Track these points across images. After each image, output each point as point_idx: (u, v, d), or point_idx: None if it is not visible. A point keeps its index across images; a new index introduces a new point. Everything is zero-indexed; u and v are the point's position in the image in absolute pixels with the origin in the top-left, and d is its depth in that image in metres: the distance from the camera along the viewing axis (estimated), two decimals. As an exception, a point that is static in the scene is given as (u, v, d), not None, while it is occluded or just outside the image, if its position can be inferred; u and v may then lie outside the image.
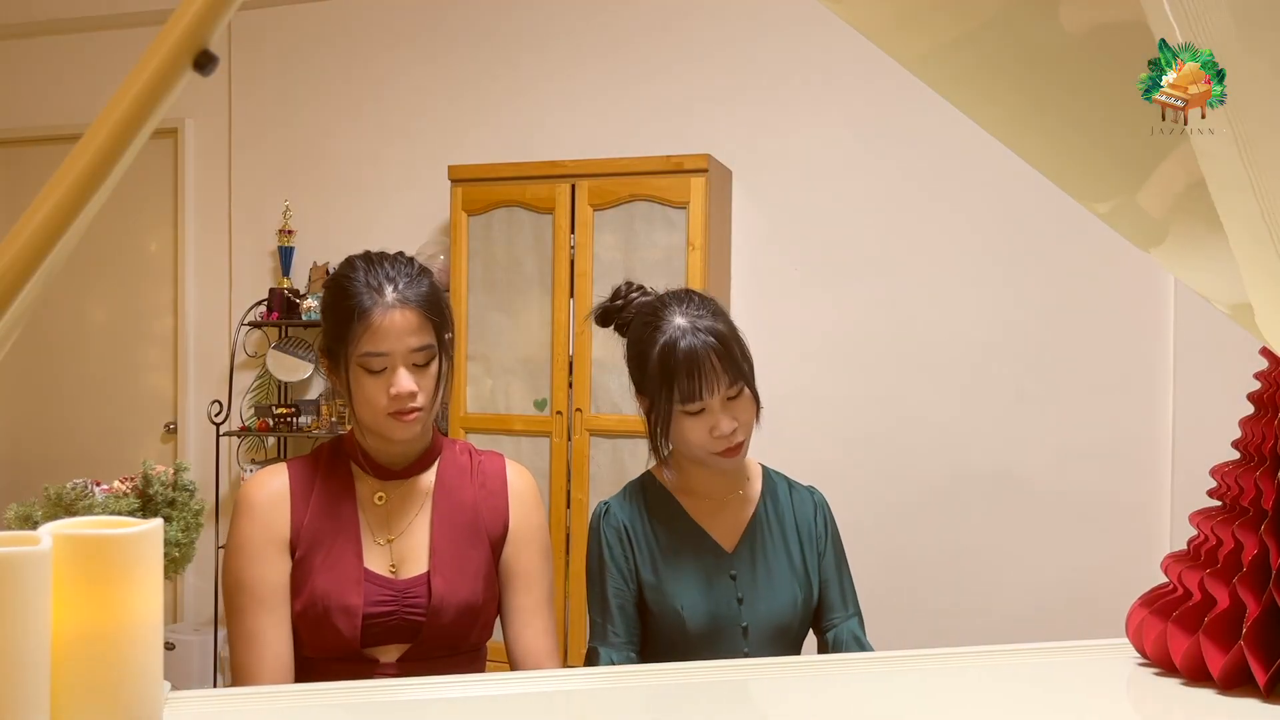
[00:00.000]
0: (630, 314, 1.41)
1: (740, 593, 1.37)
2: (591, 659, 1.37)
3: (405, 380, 1.24)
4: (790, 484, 1.49)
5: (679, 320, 1.32)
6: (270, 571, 1.26)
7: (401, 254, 1.33)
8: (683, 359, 1.29)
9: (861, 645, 1.41)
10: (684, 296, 1.37)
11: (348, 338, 1.24)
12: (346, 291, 1.26)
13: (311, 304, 3.60)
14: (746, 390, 1.33)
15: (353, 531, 1.29)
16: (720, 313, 1.35)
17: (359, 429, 1.32)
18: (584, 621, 3.10)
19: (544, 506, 1.43)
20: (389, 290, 1.25)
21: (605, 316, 1.45)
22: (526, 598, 1.35)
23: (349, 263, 1.31)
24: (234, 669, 1.26)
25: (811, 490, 1.50)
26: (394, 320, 1.23)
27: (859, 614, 1.45)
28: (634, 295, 1.43)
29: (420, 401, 1.25)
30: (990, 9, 0.63)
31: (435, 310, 1.28)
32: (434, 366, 1.28)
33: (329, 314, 1.29)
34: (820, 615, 1.44)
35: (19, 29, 4.10)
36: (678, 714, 0.87)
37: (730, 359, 1.30)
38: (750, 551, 1.40)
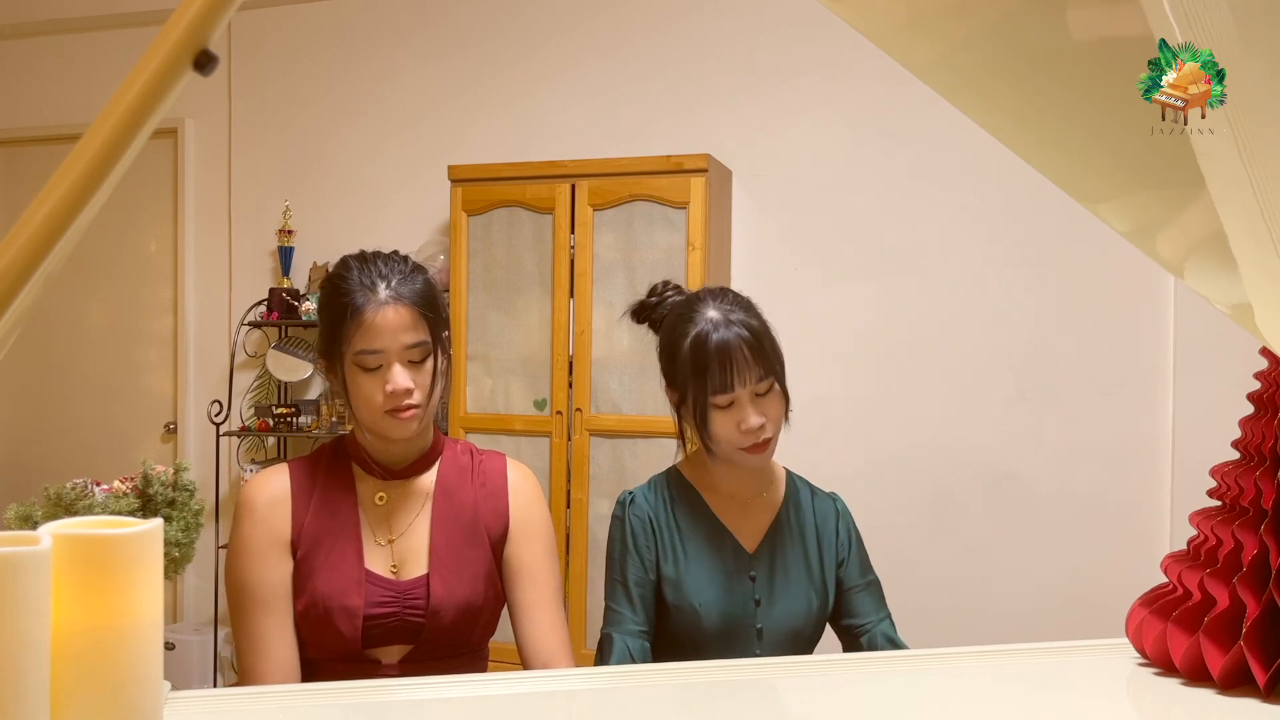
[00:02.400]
0: (665, 310, 1.42)
1: (758, 594, 1.37)
2: (606, 646, 1.35)
3: (401, 377, 1.24)
4: (812, 490, 1.49)
5: (712, 313, 1.33)
6: (272, 573, 1.26)
7: (396, 252, 1.34)
8: (715, 350, 1.30)
9: (895, 646, 1.41)
10: (718, 293, 1.38)
11: (342, 336, 1.24)
12: (340, 290, 1.26)
13: (310, 306, 3.60)
14: (776, 387, 1.33)
15: (353, 532, 1.29)
16: (753, 309, 1.37)
17: (359, 428, 1.32)
18: (584, 621, 3.11)
19: (547, 504, 1.43)
20: (382, 287, 1.25)
21: (641, 312, 1.47)
22: (533, 593, 1.35)
23: (343, 262, 1.31)
24: (241, 672, 1.27)
25: (834, 498, 1.50)
26: (387, 317, 1.23)
27: (889, 615, 1.45)
28: (669, 294, 1.44)
29: (416, 399, 1.25)
30: (994, 13, 0.63)
31: (430, 307, 1.28)
32: (430, 364, 1.28)
33: (324, 314, 1.30)
34: (850, 620, 1.43)
35: (19, 29, 4.10)
36: (679, 714, 0.87)
37: (761, 352, 1.31)
38: (771, 554, 1.40)
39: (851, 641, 1.45)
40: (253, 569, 1.26)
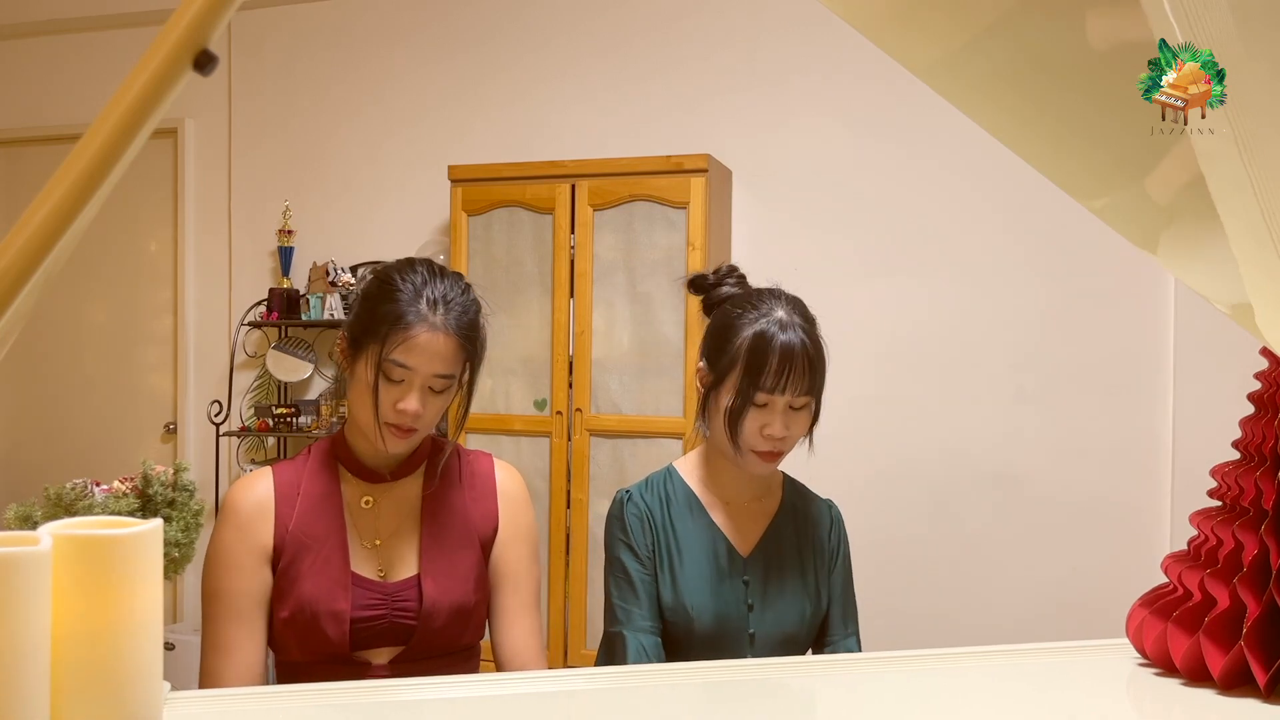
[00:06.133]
0: (722, 293, 1.41)
1: (751, 599, 1.36)
2: (619, 644, 1.33)
3: (415, 401, 1.23)
4: (809, 495, 1.49)
5: (782, 314, 1.33)
6: (247, 582, 1.25)
7: (460, 276, 1.32)
8: (779, 349, 1.29)
9: None
10: (791, 298, 1.38)
11: (382, 338, 1.22)
12: (397, 294, 1.24)
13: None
14: (811, 407, 1.34)
15: (339, 536, 1.28)
16: (816, 325, 1.37)
17: (351, 427, 1.32)
18: (584, 621, 3.11)
19: (533, 506, 1.42)
20: (440, 311, 1.23)
21: (698, 284, 1.45)
22: (514, 598, 1.35)
23: (410, 264, 1.29)
24: (201, 674, 1.26)
25: (829, 504, 1.49)
26: (432, 342, 1.22)
27: (857, 634, 1.44)
28: (731, 279, 1.43)
29: (420, 424, 1.25)
30: (992, 14, 0.63)
31: (472, 344, 1.27)
32: (448, 395, 1.28)
33: (371, 307, 1.26)
34: (820, 631, 1.43)
35: (19, 29, 4.10)
36: (678, 714, 0.87)
37: (815, 370, 1.32)
38: (765, 559, 1.39)
39: (815, 650, 1.44)
40: (228, 577, 1.25)
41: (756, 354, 1.30)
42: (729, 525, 1.40)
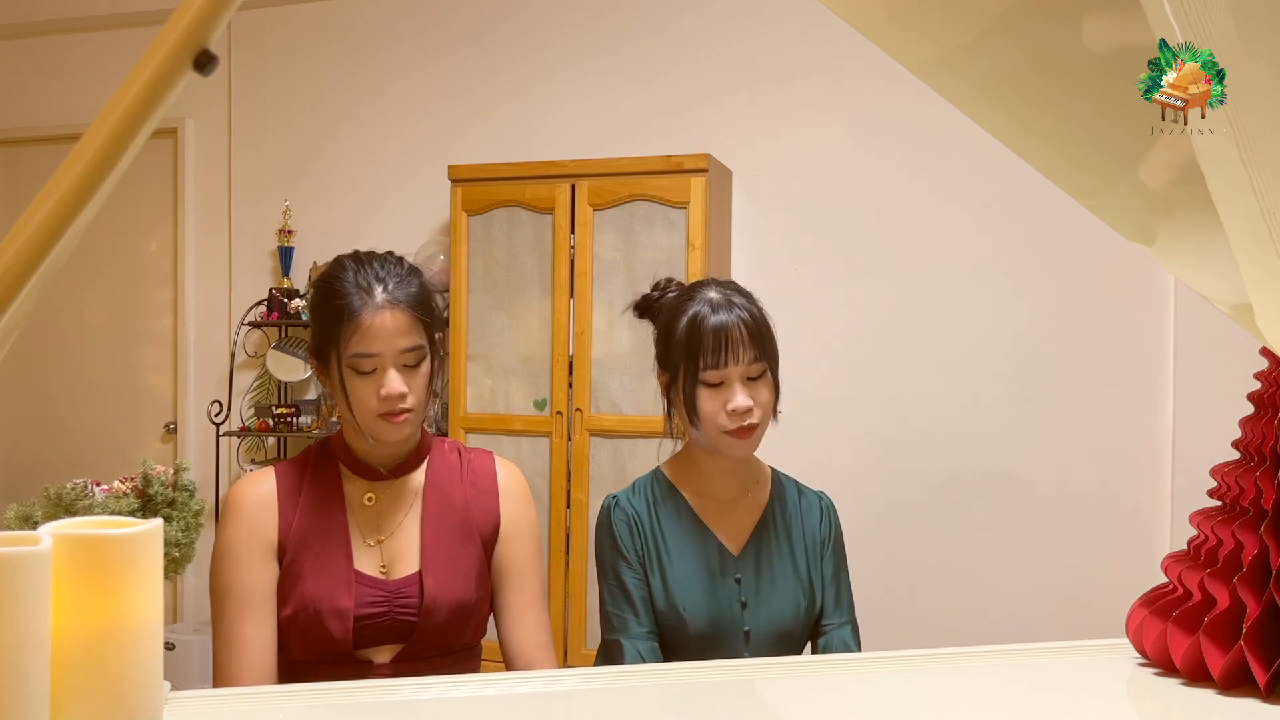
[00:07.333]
0: (666, 301, 1.42)
1: (744, 597, 1.36)
2: (613, 652, 1.34)
3: (395, 382, 1.24)
4: (800, 488, 1.48)
5: (712, 294, 1.34)
6: (255, 576, 1.26)
7: (391, 253, 1.33)
8: (710, 326, 1.30)
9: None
10: (722, 281, 1.39)
11: (337, 338, 1.24)
12: (336, 292, 1.25)
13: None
14: (768, 374, 1.33)
15: (342, 534, 1.28)
16: (754, 298, 1.37)
17: (349, 430, 1.32)
18: (584, 621, 3.11)
19: (534, 503, 1.43)
20: (378, 291, 1.24)
21: (644, 306, 1.47)
22: (519, 595, 1.35)
23: (338, 263, 1.30)
24: (215, 672, 1.26)
25: (820, 495, 1.49)
26: (384, 321, 1.23)
27: (853, 622, 1.43)
28: (671, 289, 1.45)
29: (410, 403, 1.25)
30: (992, 14, 0.63)
31: (425, 310, 1.28)
32: (424, 367, 1.28)
33: (317, 314, 1.29)
34: (815, 620, 1.43)
35: (19, 29, 4.10)
36: (678, 714, 0.87)
37: (758, 336, 1.32)
38: (756, 555, 1.38)
39: (811, 641, 1.44)
40: (236, 571, 1.26)
41: (693, 336, 1.31)
42: (718, 524, 1.39)
